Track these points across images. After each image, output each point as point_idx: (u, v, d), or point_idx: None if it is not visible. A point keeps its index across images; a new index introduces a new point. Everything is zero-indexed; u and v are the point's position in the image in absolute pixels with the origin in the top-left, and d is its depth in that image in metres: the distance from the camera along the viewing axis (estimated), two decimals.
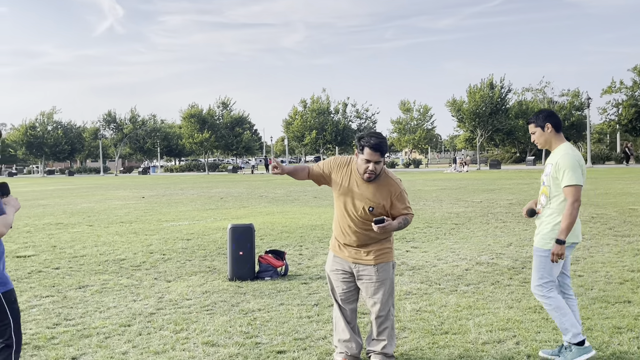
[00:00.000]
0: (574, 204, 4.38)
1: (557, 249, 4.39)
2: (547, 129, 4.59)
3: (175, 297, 6.93)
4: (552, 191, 4.51)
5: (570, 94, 68.36)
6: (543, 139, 4.62)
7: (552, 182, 4.49)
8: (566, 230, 4.38)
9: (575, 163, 4.42)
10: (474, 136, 63.02)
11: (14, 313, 3.49)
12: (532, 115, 4.69)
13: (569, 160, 4.43)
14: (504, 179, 33.20)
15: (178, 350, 5.00)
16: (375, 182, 4.44)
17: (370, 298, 4.52)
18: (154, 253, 10.12)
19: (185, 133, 70.37)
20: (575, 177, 4.39)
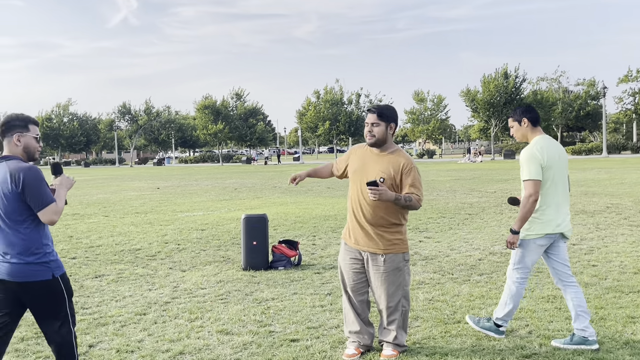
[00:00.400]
0: (529, 198, 4.50)
1: (509, 237, 4.61)
2: (523, 123, 4.72)
3: (190, 286, 7.00)
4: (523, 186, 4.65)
5: (585, 83, 67.73)
6: (520, 133, 4.77)
7: (521, 177, 4.66)
8: (519, 221, 4.55)
9: (532, 157, 4.52)
10: (488, 126, 62.65)
11: (69, 292, 3.74)
12: (512, 110, 4.85)
13: (527, 154, 4.57)
14: (518, 169, 32.92)
15: (193, 339, 5.07)
16: (388, 156, 4.50)
17: (377, 288, 4.55)
18: (169, 243, 10.22)
19: (199, 124, 70.66)
20: (529, 172, 4.51)
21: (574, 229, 10.48)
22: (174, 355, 4.67)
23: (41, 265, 3.58)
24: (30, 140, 3.68)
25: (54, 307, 3.66)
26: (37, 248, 3.58)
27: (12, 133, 3.65)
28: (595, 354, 4.42)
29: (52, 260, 3.63)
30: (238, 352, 4.70)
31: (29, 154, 3.70)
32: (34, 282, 3.57)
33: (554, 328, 5.07)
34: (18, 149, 3.66)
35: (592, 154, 56.94)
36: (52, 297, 3.64)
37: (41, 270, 3.58)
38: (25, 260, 3.56)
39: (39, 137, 3.77)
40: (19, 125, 3.66)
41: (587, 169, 30.26)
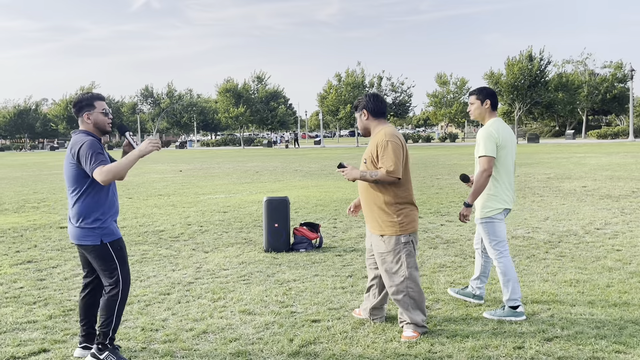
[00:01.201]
0: (483, 173, 4.80)
1: (463, 210, 4.89)
2: (485, 104, 4.99)
3: (213, 267, 7.09)
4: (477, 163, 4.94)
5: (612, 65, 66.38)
6: (479, 111, 5.02)
7: (476, 154, 4.93)
8: (472, 195, 4.85)
9: (490, 135, 4.82)
10: (512, 109, 61.88)
11: (121, 260, 4.14)
12: (476, 89, 5.07)
13: (484, 132, 4.87)
14: (542, 153, 32.64)
15: (216, 318, 5.14)
16: (371, 139, 4.77)
17: (379, 269, 4.79)
18: (192, 225, 10.33)
19: (221, 107, 70.85)
20: (485, 149, 4.81)
21: (598, 213, 10.36)
22: (197, 334, 4.75)
23: (90, 230, 4.05)
24: (98, 116, 4.15)
25: (105, 270, 4.11)
26: (88, 215, 4.04)
27: (82, 113, 4.13)
28: (619, 338, 4.39)
29: (101, 227, 4.06)
30: (260, 332, 4.76)
31: (100, 127, 4.17)
32: (86, 245, 4.08)
33: (576, 312, 5.04)
34: (89, 125, 4.14)
35: (618, 137, 56.00)
36: (103, 261, 4.09)
37: (91, 236, 4.06)
38: (78, 225, 4.08)
39: (106, 111, 4.19)
40: (86, 105, 4.13)
41: (613, 153, 29.81)
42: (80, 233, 4.07)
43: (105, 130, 4.20)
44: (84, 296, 4.35)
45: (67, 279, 6.66)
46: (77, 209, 4.07)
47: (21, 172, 28.60)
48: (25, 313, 5.39)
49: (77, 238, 4.10)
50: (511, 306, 4.91)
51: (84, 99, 4.16)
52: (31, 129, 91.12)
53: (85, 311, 4.34)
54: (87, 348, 4.34)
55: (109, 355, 4.10)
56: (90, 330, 4.35)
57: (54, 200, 14.85)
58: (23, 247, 8.58)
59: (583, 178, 16.93)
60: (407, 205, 4.65)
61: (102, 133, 4.20)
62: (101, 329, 4.12)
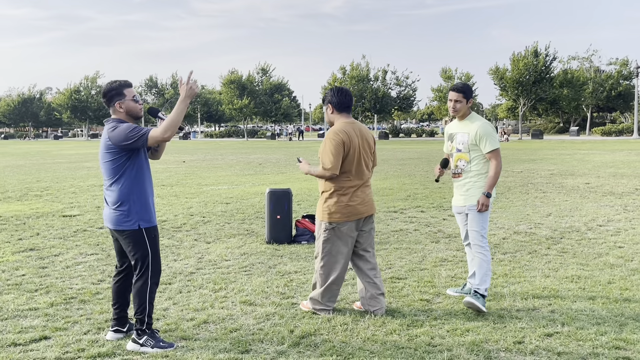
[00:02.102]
0: (498, 164, 5.06)
1: (486, 200, 5.03)
2: (469, 102, 5.18)
3: (215, 257, 7.10)
4: (472, 157, 5.12)
5: (618, 62, 66.11)
6: (465, 109, 5.17)
7: (472, 148, 5.10)
8: (492, 186, 5.05)
9: (493, 130, 5.10)
10: (516, 105, 61.74)
11: (153, 247, 4.23)
12: (461, 86, 5.21)
13: (487, 128, 5.07)
14: (546, 149, 32.56)
15: (217, 308, 5.15)
16: None
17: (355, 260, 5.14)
18: (194, 215, 10.34)
19: (225, 99, 70.81)
20: (495, 142, 5.06)
21: (601, 210, 10.34)
22: (198, 323, 4.76)
23: (127, 215, 4.14)
24: (129, 104, 4.20)
25: (136, 256, 4.19)
26: (126, 201, 4.13)
27: (113, 102, 4.18)
28: (619, 334, 4.39)
29: (139, 212, 4.16)
30: (261, 323, 4.77)
31: (132, 114, 4.22)
32: (122, 230, 4.17)
33: (577, 308, 5.04)
34: (122, 113, 4.20)
35: (623, 135, 55.83)
36: (136, 247, 4.18)
37: (127, 220, 4.15)
38: (114, 209, 4.16)
39: (136, 98, 4.23)
40: (116, 94, 4.17)
41: (617, 150, 29.74)
42: (118, 218, 4.16)
43: (138, 116, 4.25)
44: (117, 280, 4.44)
45: (69, 267, 6.68)
46: (115, 194, 4.15)
47: (25, 160, 28.66)
48: (26, 300, 5.41)
49: (114, 223, 4.18)
50: (482, 295, 4.98)
51: (113, 88, 4.19)
52: (35, 117, 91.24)
53: (117, 295, 4.43)
54: (119, 331, 4.45)
55: (147, 339, 4.22)
56: (122, 314, 4.45)
57: (57, 189, 14.88)
58: (25, 235, 8.60)
59: (586, 175, 16.90)
60: (342, 195, 4.87)
61: (135, 119, 4.24)
62: (136, 316, 4.24)
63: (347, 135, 4.79)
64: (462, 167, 5.18)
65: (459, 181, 5.22)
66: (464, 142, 5.14)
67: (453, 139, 5.26)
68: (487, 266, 5.08)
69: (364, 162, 4.92)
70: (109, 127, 4.15)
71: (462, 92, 5.14)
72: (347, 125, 4.86)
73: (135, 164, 4.18)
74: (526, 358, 4.02)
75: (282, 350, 4.18)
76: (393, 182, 15.83)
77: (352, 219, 4.89)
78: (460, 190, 5.22)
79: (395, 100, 65.80)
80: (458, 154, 5.20)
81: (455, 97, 5.14)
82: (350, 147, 4.81)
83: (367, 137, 4.96)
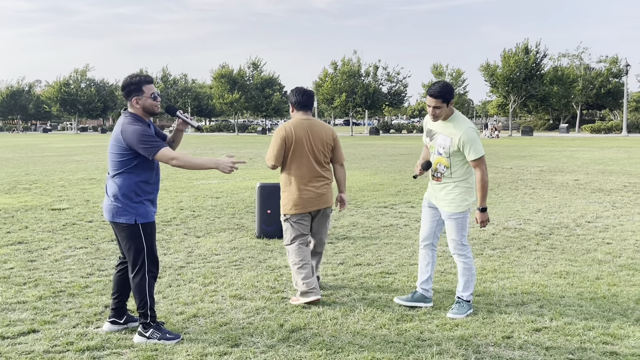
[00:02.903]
0: (483, 172, 4.70)
1: (484, 217, 4.77)
2: (450, 104, 4.75)
3: (205, 252, 7.08)
4: (452, 162, 4.77)
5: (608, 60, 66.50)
6: (445, 113, 4.75)
7: (453, 154, 4.74)
8: (485, 196, 4.73)
9: (477, 135, 4.73)
10: (506, 102, 61.96)
11: (149, 243, 4.22)
12: (438, 91, 4.69)
13: (472, 133, 4.69)
14: (536, 146, 32.72)
15: (207, 302, 5.14)
16: None
17: None
18: (184, 210, 10.31)
19: (216, 93, 70.54)
20: (481, 149, 4.70)
21: (590, 206, 10.41)
22: (187, 317, 4.75)
23: (125, 209, 4.12)
24: (146, 101, 4.17)
25: (131, 251, 4.19)
26: (125, 194, 4.12)
27: (130, 97, 4.16)
28: (607, 330, 4.43)
29: (137, 208, 4.14)
30: (251, 317, 4.77)
31: (148, 111, 4.21)
32: (119, 223, 4.16)
33: (565, 303, 5.07)
34: (139, 109, 4.18)
35: (612, 132, 56.21)
36: (132, 242, 4.17)
37: (125, 214, 4.13)
38: (114, 202, 4.15)
39: (154, 95, 4.20)
40: (134, 90, 4.15)
41: (606, 148, 29.93)
42: (116, 210, 4.15)
43: (153, 113, 4.23)
44: (119, 271, 4.44)
45: (58, 260, 6.65)
46: (116, 187, 4.14)
47: (13, 153, 28.45)
48: (15, 294, 5.38)
49: (113, 215, 4.17)
50: (468, 301, 4.85)
51: (132, 82, 4.16)
52: (24, 110, 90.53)
53: (118, 285, 4.44)
54: (116, 323, 4.46)
55: (153, 332, 4.24)
56: (121, 305, 4.46)
57: (46, 182, 14.78)
58: (14, 228, 8.55)
59: (575, 171, 17.00)
60: (289, 189, 5.18)
61: (151, 115, 4.24)
62: (139, 311, 4.26)
63: (291, 131, 5.12)
64: (441, 171, 4.84)
65: (438, 185, 4.89)
66: (445, 146, 4.75)
67: (433, 137, 4.88)
68: (471, 272, 4.86)
69: (313, 157, 5.17)
70: (126, 122, 4.09)
71: (439, 97, 4.67)
72: (297, 122, 5.17)
73: (142, 162, 4.14)
74: (515, 353, 4.05)
75: (272, 345, 4.18)
76: (383, 177, 15.86)
77: (302, 212, 5.17)
78: (439, 194, 4.89)
79: (386, 96, 65.80)
80: (438, 157, 4.83)
81: (434, 103, 4.70)
82: (293, 143, 5.12)
83: (321, 134, 5.20)
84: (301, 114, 5.23)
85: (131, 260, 4.23)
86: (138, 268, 4.22)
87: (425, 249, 5.06)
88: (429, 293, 5.03)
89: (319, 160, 5.19)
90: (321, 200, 5.21)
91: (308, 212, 5.20)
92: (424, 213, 5.06)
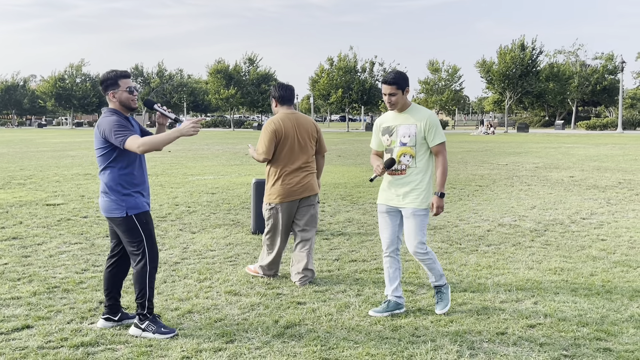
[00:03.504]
0: (445, 158, 4.67)
1: (440, 202, 4.61)
2: (406, 92, 4.67)
3: (200, 247, 7.08)
4: (418, 151, 4.63)
5: (603, 57, 66.60)
6: (403, 101, 4.66)
7: (419, 142, 4.61)
8: (443, 183, 4.62)
9: (438, 121, 4.68)
10: (502, 98, 62.02)
11: (147, 232, 4.27)
12: (392, 77, 4.62)
13: (436, 120, 4.66)
14: (531, 143, 32.77)
15: (202, 298, 5.14)
16: None
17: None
18: (180, 205, 10.30)
19: (212, 89, 70.39)
20: (443, 135, 4.66)
21: (585, 203, 10.44)
22: (182, 313, 4.75)
23: (116, 203, 4.19)
24: (122, 94, 4.21)
25: (131, 242, 4.24)
26: (113, 188, 4.18)
27: (107, 91, 4.22)
28: (600, 326, 4.44)
29: (126, 200, 4.19)
30: (246, 313, 4.77)
31: (125, 105, 4.24)
32: (114, 218, 4.22)
33: (560, 300, 5.09)
34: (115, 103, 4.23)
35: (607, 129, 56.34)
36: (129, 233, 4.22)
37: (117, 209, 4.20)
38: (105, 197, 4.23)
39: (131, 88, 4.24)
40: (110, 84, 4.20)
41: (601, 145, 30.00)
42: (108, 205, 4.23)
43: (130, 107, 4.27)
44: (109, 266, 4.48)
45: (52, 256, 6.63)
46: (104, 183, 4.23)
47: (8, 148, 28.34)
48: (9, 289, 5.36)
49: (106, 210, 4.25)
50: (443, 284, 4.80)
51: (108, 77, 4.23)
52: (19, 105, 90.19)
53: (109, 282, 4.47)
54: (110, 320, 4.46)
55: (149, 324, 4.26)
56: (114, 302, 4.47)
57: (41, 178, 14.74)
58: (8, 224, 8.52)
59: (571, 168, 17.04)
60: (278, 179, 5.47)
61: (129, 110, 4.26)
62: (137, 301, 4.29)
63: (280, 125, 5.41)
64: (406, 162, 4.63)
65: (401, 179, 4.65)
66: (410, 134, 4.59)
67: (393, 132, 4.67)
68: (436, 263, 4.76)
69: (300, 149, 5.48)
70: (103, 116, 4.21)
71: (394, 83, 4.58)
72: (284, 116, 5.48)
73: (121, 154, 4.18)
74: (509, 349, 4.06)
75: (267, 340, 4.19)
76: None
77: (288, 200, 5.49)
78: (398, 190, 4.65)
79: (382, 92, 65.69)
80: (402, 147, 4.62)
81: (389, 90, 4.60)
82: (282, 135, 5.41)
83: (306, 126, 5.54)
84: (285, 108, 5.55)
85: (132, 251, 4.28)
86: (139, 259, 4.26)
87: (390, 256, 4.80)
88: (401, 299, 4.80)
89: (305, 151, 5.52)
90: (306, 189, 5.52)
91: (293, 200, 5.51)
92: (382, 220, 4.79)
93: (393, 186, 4.70)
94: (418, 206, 4.61)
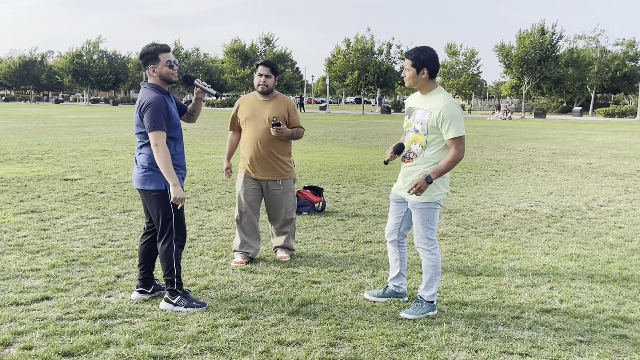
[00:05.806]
0: (459, 154, 4.15)
1: (423, 184, 4.12)
2: (422, 74, 4.22)
3: (215, 225, 7.11)
4: (428, 140, 4.23)
5: (625, 43, 65.51)
6: (419, 82, 4.25)
7: (430, 131, 4.20)
8: (441, 172, 4.16)
9: (461, 113, 4.18)
10: (520, 83, 61.36)
11: (177, 210, 4.27)
12: (412, 50, 4.26)
13: (455, 110, 4.14)
14: (549, 129, 32.45)
15: (217, 275, 5.18)
16: (273, 100, 5.47)
17: (276, 207, 5.59)
18: (195, 183, 10.34)
19: (227, 68, 70.35)
20: (463, 128, 4.15)
21: (602, 190, 10.34)
22: (198, 289, 4.79)
23: (154, 176, 4.19)
24: (162, 69, 4.19)
25: (160, 217, 4.25)
26: (152, 162, 4.17)
27: (147, 66, 4.20)
28: (617, 313, 4.42)
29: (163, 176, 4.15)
30: (261, 290, 4.80)
31: (165, 79, 4.23)
32: (149, 191, 4.22)
33: (576, 286, 5.07)
34: (156, 78, 4.21)
35: (626, 116, 55.62)
36: (161, 208, 4.23)
37: (154, 181, 4.20)
38: (144, 170, 4.22)
39: (171, 62, 4.21)
40: (151, 58, 4.18)
41: (619, 132, 29.65)
42: (145, 178, 4.23)
43: (170, 80, 4.26)
44: (144, 242, 4.53)
45: (70, 230, 6.70)
46: (143, 157, 4.22)
47: (25, 123, 28.56)
48: (28, 261, 5.44)
49: (141, 183, 4.24)
50: (430, 302, 4.38)
51: (148, 52, 4.20)
52: (36, 80, 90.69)
53: (144, 256, 4.53)
54: (144, 292, 4.54)
55: (180, 299, 4.32)
56: (147, 275, 4.53)
57: (58, 153, 14.86)
58: (27, 197, 8.61)
59: (588, 155, 16.87)
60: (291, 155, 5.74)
61: (168, 83, 4.25)
62: (166, 278, 4.34)
63: None
64: (415, 150, 4.29)
65: (408, 167, 4.35)
66: (423, 121, 4.21)
67: (412, 114, 4.34)
68: (435, 270, 4.37)
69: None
70: (145, 92, 4.16)
71: (410, 58, 4.23)
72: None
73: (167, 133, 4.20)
74: (524, 333, 4.06)
75: (282, 318, 4.21)
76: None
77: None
78: (405, 178, 4.38)
79: (399, 75, 65.26)
80: (414, 134, 4.28)
81: (404, 64, 4.29)
82: None
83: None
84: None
85: (159, 228, 4.30)
86: (166, 236, 4.29)
87: (391, 245, 4.62)
88: (400, 289, 4.64)
89: None
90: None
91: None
92: (391, 207, 4.61)
93: (402, 174, 4.44)
94: (419, 199, 4.28)
